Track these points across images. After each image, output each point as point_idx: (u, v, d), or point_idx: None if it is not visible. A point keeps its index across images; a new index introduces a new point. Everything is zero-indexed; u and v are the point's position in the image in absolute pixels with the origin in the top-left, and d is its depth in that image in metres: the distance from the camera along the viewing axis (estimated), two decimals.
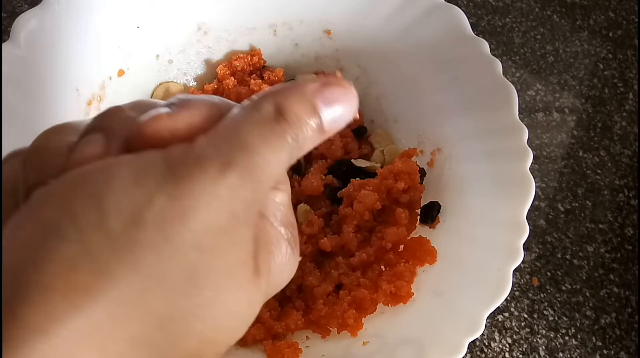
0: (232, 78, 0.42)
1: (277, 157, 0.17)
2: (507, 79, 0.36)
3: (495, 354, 0.40)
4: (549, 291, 0.42)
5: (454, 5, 0.38)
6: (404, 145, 0.42)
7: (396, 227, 0.36)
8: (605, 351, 0.41)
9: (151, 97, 0.42)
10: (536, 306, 0.42)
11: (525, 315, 0.41)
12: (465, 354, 0.31)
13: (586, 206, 0.46)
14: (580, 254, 0.44)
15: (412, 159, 0.39)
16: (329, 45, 0.43)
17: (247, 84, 0.42)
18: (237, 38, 0.43)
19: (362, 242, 0.38)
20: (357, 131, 0.43)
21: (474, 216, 0.35)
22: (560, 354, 0.41)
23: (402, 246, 0.37)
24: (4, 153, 0.18)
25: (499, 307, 0.33)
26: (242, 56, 0.43)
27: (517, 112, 0.35)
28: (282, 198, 0.20)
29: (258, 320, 0.35)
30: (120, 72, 0.40)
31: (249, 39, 0.44)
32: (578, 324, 0.42)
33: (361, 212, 0.37)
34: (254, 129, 0.16)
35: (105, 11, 0.38)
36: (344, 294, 0.35)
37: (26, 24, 0.34)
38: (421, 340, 0.32)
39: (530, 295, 0.42)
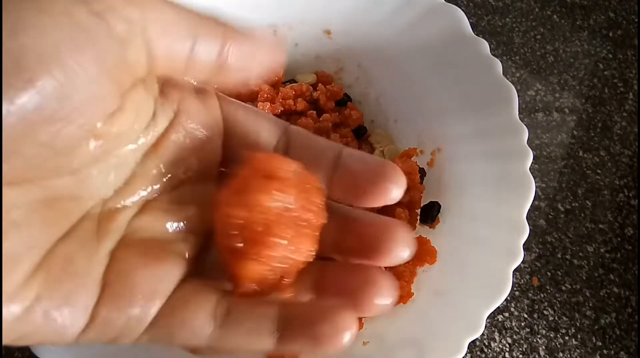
0: None
1: None
2: (507, 79, 0.36)
3: (495, 354, 0.40)
4: (549, 291, 0.42)
5: (454, 5, 0.38)
6: (404, 145, 0.42)
7: None
8: (605, 351, 0.41)
9: None
10: (536, 306, 0.42)
11: (525, 315, 0.41)
12: (465, 354, 0.31)
13: (586, 206, 0.46)
14: (580, 254, 0.44)
15: (412, 159, 0.39)
16: (329, 45, 0.43)
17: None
18: None
19: None
20: (357, 131, 0.43)
21: (474, 216, 0.35)
22: (560, 354, 0.41)
23: None
24: None
25: (499, 307, 0.33)
26: None
27: (517, 112, 0.35)
28: None
29: None
30: None
31: None
32: (578, 324, 0.42)
33: None
34: None
35: None
36: None
37: None
38: (421, 340, 0.32)
39: (530, 295, 0.42)
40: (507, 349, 0.40)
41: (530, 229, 0.33)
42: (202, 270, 0.20)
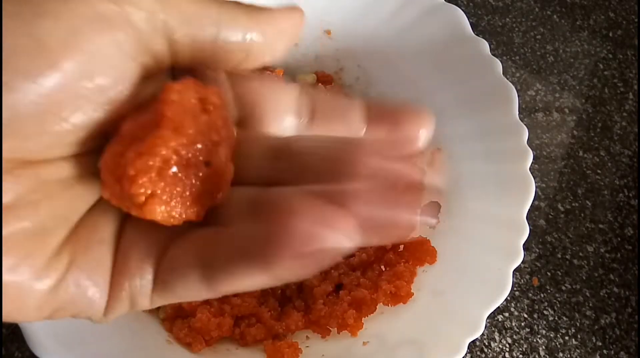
0: None
1: None
2: (507, 79, 0.36)
3: (495, 354, 0.40)
4: (549, 291, 0.42)
5: (454, 5, 0.38)
6: None
7: None
8: (605, 351, 0.41)
9: None
10: (536, 306, 0.42)
11: (525, 315, 0.41)
12: (465, 354, 0.31)
13: (586, 206, 0.46)
14: (580, 254, 0.44)
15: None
16: (329, 45, 0.43)
17: None
18: None
19: None
20: None
21: (474, 216, 0.35)
22: (560, 354, 0.41)
23: (402, 246, 0.37)
24: None
25: (499, 307, 0.33)
26: None
27: (517, 112, 0.35)
28: None
29: (258, 320, 0.35)
30: None
31: None
32: (578, 324, 0.42)
33: None
34: None
35: None
36: (344, 294, 0.35)
37: None
38: (421, 340, 0.32)
39: (530, 295, 0.42)
40: (507, 349, 0.40)
41: (530, 229, 0.33)
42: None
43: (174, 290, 0.18)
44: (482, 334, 0.36)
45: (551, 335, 0.41)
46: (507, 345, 0.41)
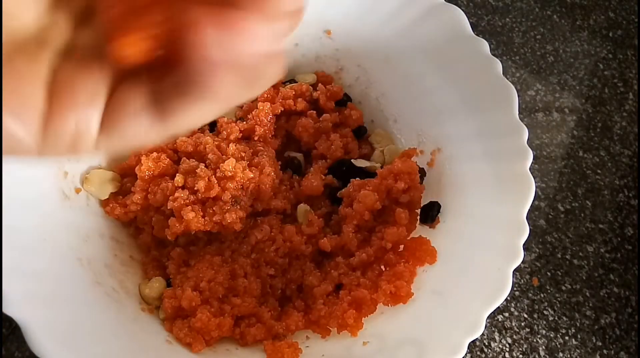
0: None
1: None
2: (507, 79, 0.36)
3: (495, 354, 0.40)
4: (549, 291, 0.42)
5: (454, 5, 0.38)
6: (404, 145, 0.42)
7: (396, 227, 0.36)
8: (605, 351, 0.41)
9: None
10: (536, 306, 0.42)
11: (525, 315, 0.42)
12: (465, 354, 0.31)
13: (586, 206, 0.46)
14: (580, 254, 0.44)
15: (412, 159, 0.39)
16: (329, 45, 0.43)
17: None
18: None
19: (362, 242, 0.38)
20: (357, 131, 0.43)
21: (474, 216, 0.35)
22: (560, 354, 0.41)
23: (402, 246, 0.37)
24: None
25: (499, 307, 0.33)
26: None
27: (517, 112, 0.35)
28: None
29: (258, 320, 0.35)
30: None
31: None
32: (578, 324, 0.42)
33: (361, 212, 0.37)
34: None
35: None
36: (344, 294, 0.35)
37: None
38: (421, 340, 0.32)
39: (530, 295, 0.42)
40: (507, 349, 0.40)
41: (530, 229, 0.33)
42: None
43: (122, 129, 0.18)
44: (482, 334, 0.36)
45: (551, 335, 0.41)
46: (507, 345, 0.41)
